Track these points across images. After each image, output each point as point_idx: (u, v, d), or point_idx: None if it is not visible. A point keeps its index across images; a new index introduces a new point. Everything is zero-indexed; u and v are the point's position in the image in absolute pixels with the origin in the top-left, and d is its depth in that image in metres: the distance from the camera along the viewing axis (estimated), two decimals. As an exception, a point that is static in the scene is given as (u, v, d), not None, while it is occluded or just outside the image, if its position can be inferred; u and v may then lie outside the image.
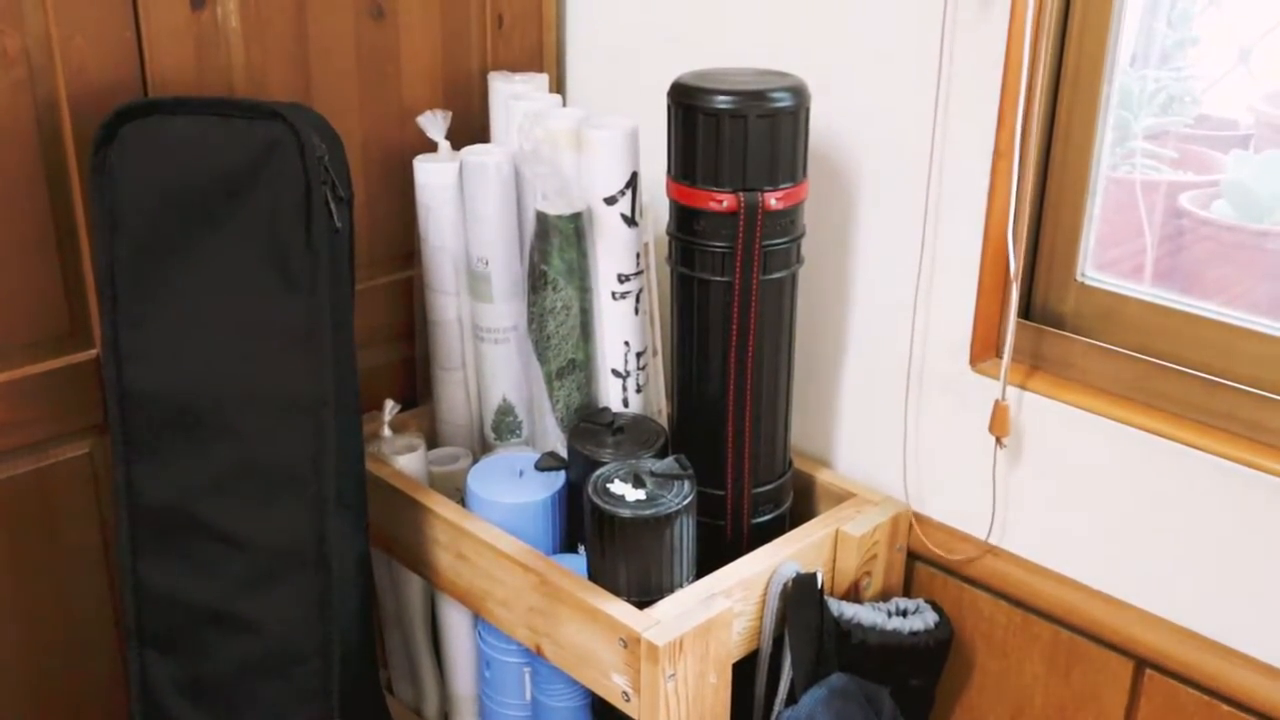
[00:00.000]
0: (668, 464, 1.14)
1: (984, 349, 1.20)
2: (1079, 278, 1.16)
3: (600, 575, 1.13)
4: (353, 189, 1.16)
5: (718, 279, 1.14)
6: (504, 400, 1.38)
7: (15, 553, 1.22)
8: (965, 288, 1.18)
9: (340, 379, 1.12)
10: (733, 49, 1.31)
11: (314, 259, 1.07)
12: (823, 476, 1.32)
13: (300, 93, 1.29)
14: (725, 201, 1.11)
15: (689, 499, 1.11)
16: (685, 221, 1.15)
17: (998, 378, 1.16)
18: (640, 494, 1.11)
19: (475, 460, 1.41)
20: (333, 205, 1.08)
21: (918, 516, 1.27)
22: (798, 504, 1.32)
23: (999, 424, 1.15)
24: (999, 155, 1.12)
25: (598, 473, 1.15)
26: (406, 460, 1.34)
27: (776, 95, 1.10)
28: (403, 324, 1.45)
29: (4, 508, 1.20)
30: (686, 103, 1.11)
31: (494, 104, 1.40)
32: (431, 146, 1.33)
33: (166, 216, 1.08)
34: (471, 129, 1.44)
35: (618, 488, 1.12)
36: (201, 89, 1.22)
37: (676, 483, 1.12)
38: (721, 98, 1.09)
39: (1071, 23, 1.11)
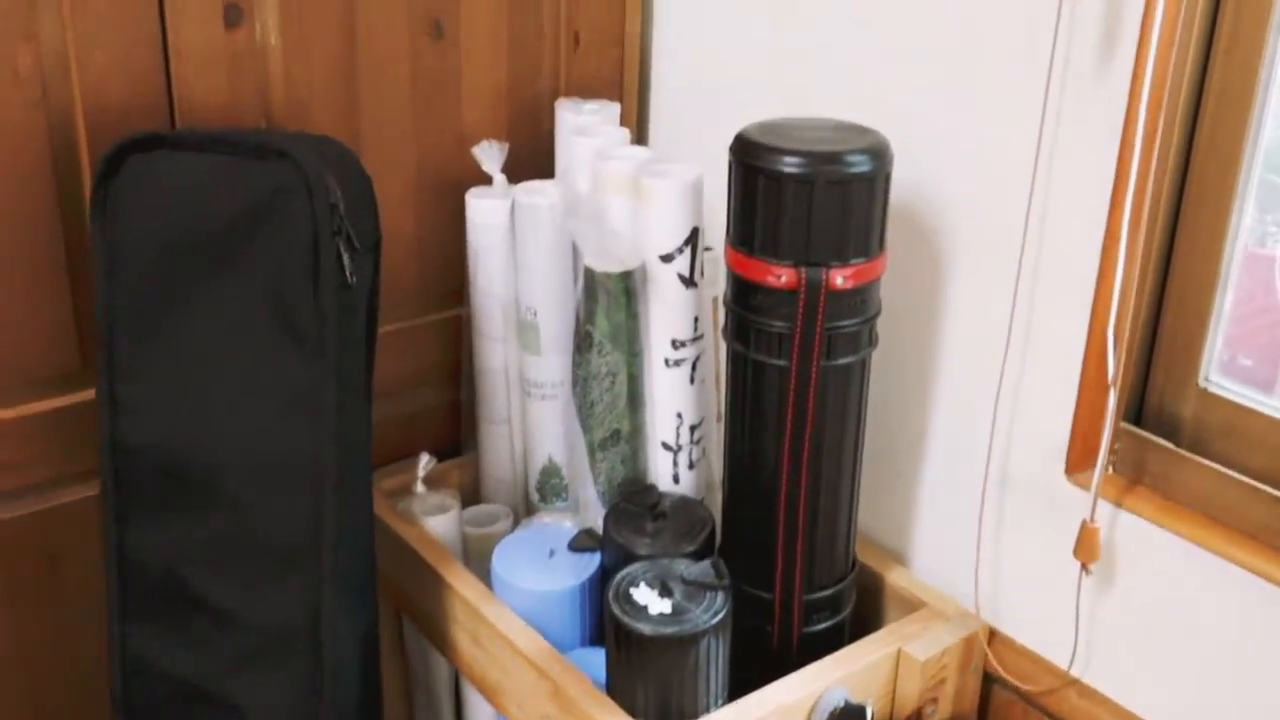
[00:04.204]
0: (702, 569, 1.01)
1: (1084, 456, 1.03)
2: (1201, 382, 0.99)
3: (618, 691, 1.00)
4: (380, 233, 1.05)
5: (774, 362, 1.00)
6: (549, 460, 1.26)
7: (14, 597, 1.15)
8: (1065, 385, 1.01)
9: (347, 448, 1.01)
10: (834, 91, 1.16)
11: (321, 316, 0.97)
12: (893, 577, 1.17)
13: (347, 119, 1.19)
14: (784, 277, 0.96)
15: (720, 616, 0.97)
16: (742, 294, 1.01)
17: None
18: (666, 605, 0.98)
19: (516, 522, 1.30)
20: (345, 257, 0.97)
21: (995, 634, 1.11)
22: (864, 605, 1.17)
23: (1085, 549, 0.98)
24: (1111, 237, 0.95)
25: (622, 574, 1.02)
26: (436, 522, 1.23)
27: (851, 159, 0.95)
28: (453, 365, 1.34)
29: (4, 550, 1.13)
30: (747, 161, 0.97)
31: (559, 135, 1.27)
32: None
33: (167, 261, 0.98)
34: (538, 160, 1.32)
35: (642, 595, 0.99)
36: (235, 115, 1.12)
37: (709, 594, 0.99)
38: (787, 159, 0.95)
39: (1210, 82, 0.93)
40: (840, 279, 0.96)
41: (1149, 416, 1.02)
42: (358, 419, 1.04)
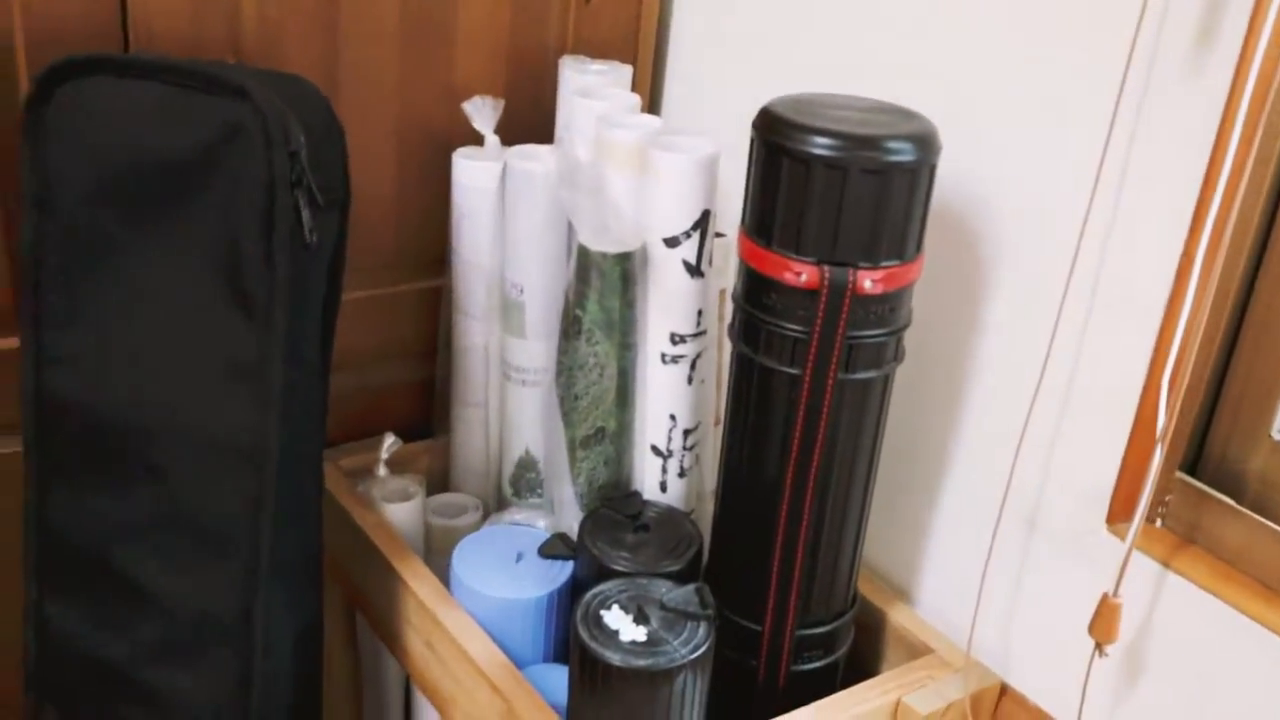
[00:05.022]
0: (685, 595, 0.89)
1: (1129, 505, 0.91)
2: (1275, 434, 0.87)
3: (578, 722, 0.89)
4: (349, 191, 0.93)
5: (785, 369, 0.88)
6: (526, 453, 1.15)
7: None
8: (1115, 425, 0.89)
9: (293, 428, 0.89)
10: (878, 71, 1.03)
11: (272, 279, 0.85)
12: (897, 617, 1.05)
13: (325, 63, 1.06)
14: (804, 274, 0.84)
15: (701, 651, 0.85)
16: (754, 290, 0.89)
17: (1139, 547, 0.87)
18: (640, 633, 0.86)
19: (486, 516, 1.18)
20: (305, 212, 0.84)
21: (1006, 690, 1.00)
22: (861, 644, 1.05)
23: (1103, 627, 0.85)
24: (1186, 261, 0.83)
25: (594, 592, 0.90)
26: (397, 509, 1.11)
27: (892, 145, 0.82)
28: (429, 340, 1.22)
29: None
30: (771, 139, 0.85)
31: (561, 96, 1.15)
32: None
33: (106, 200, 0.86)
34: (538, 122, 1.19)
35: (614, 619, 0.87)
36: (199, 48, 0.99)
37: (690, 625, 0.87)
38: (819, 139, 0.82)
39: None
40: (868, 282, 0.84)
41: (1208, 467, 0.90)
42: (308, 398, 0.92)
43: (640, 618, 0.87)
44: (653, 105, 1.30)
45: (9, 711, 1.02)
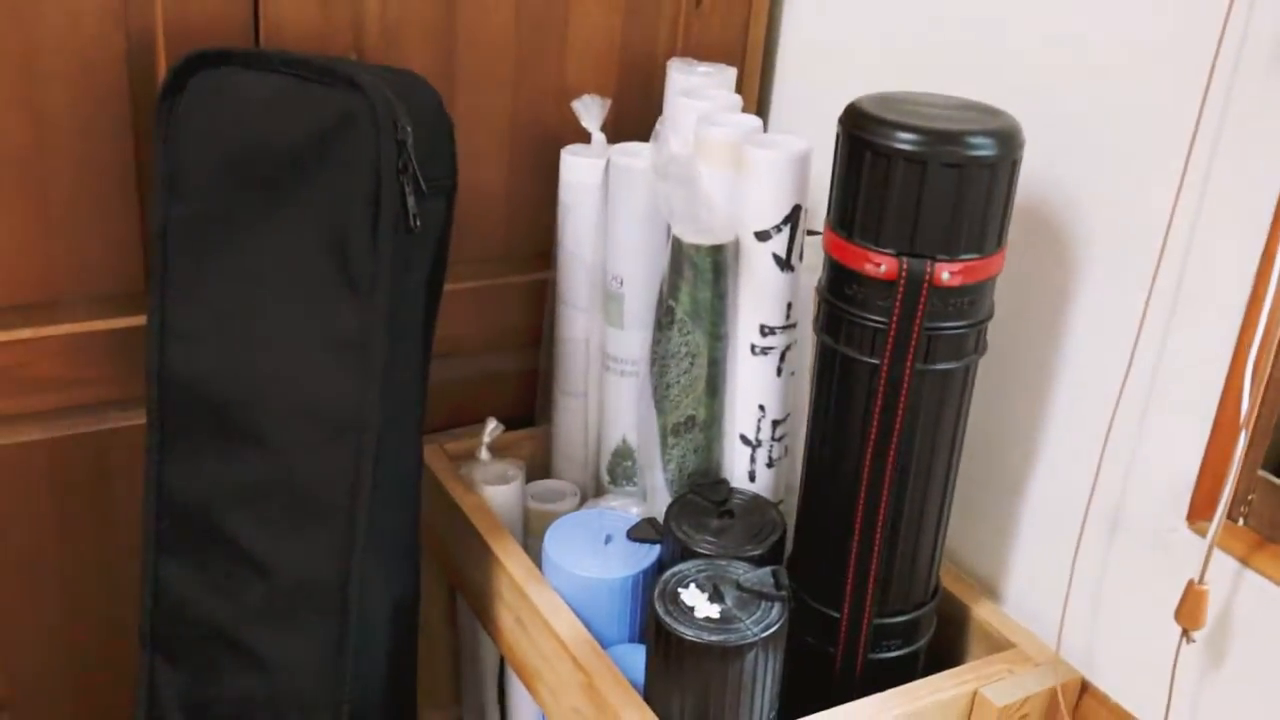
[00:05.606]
0: (761, 576, 0.91)
1: (1211, 504, 0.90)
2: (1358, 435, 0.86)
3: (654, 695, 0.92)
4: (455, 180, 0.98)
5: (864, 359, 0.90)
6: (623, 442, 1.18)
7: (64, 518, 1.12)
8: (1196, 422, 0.89)
9: (394, 403, 0.94)
10: (976, 72, 1.04)
11: (378, 260, 0.90)
12: (981, 611, 1.06)
13: (442, 60, 1.12)
14: (883, 265, 0.86)
15: (773, 629, 0.88)
16: (838, 281, 0.91)
17: (1222, 545, 0.87)
18: (714, 610, 0.89)
19: (583, 502, 1.22)
20: (410, 199, 0.90)
21: (1088, 688, 1.00)
22: (945, 638, 1.06)
23: (1189, 613, 0.86)
24: (1267, 259, 0.83)
25: (672, 571, 0.93)
26: (495, 492, 1.16)
27: (973, 140, 0.84)
28: (536, 330, 1.27)
29: (57, 470, 1.10)
30: (856, 134, 0.87)
31: (668, 97, 1.18)
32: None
33: (228, 184, 0.93)
34: (646, 122, 1.22)
35: (690, 596, 0.90)
36: (325, 44, 1.06)
37: (764, 605, 0.90)
38: (902, 134, 0.84)
39: None
40: (947, 274, 0.86)
41: (1292, 467, 0.89)
42: (409, 374, 0.97)
43: (716, 596, 0.90)
44: (761, 108, 1.33)
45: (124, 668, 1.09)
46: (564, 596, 1.03)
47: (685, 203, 0.97)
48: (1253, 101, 0.82)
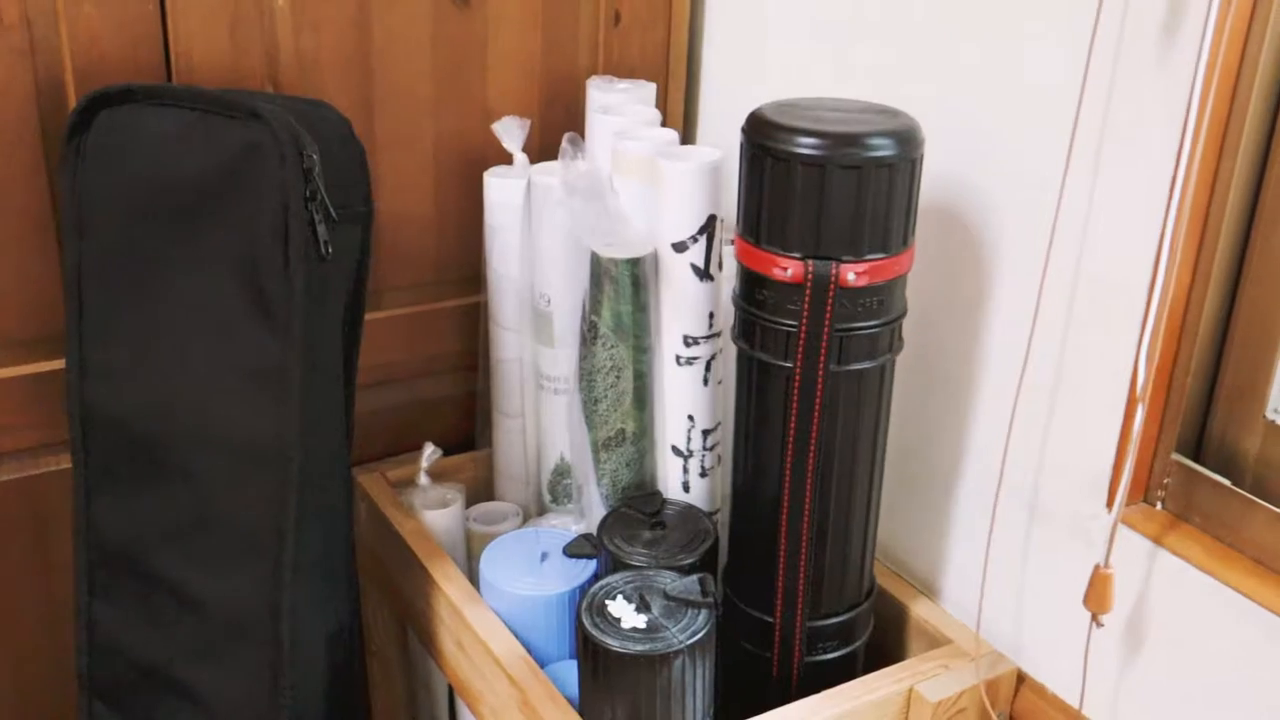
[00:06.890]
0: (687, 585, 0.92)
1: (1130, 490, 0.91)
2: (1269, 414, 0.86)
3: (588, 709, 0.92)
4: (371, 206, 0.99)
5: (778, 363, 0.91)
6: (562, 459, 1.19)
7: (1, 566, 1.12)
8: (1108, 409, 0.90)
9: (315, 432, 0.95)
10: (891, 78, 1.05)
11: (290, 289, 0.90)
12: (918, 609, 1.06)
13: (360, 88, 1.13)
14: (790, 269, 0.87)
15: (699, 636, 0.88)
16: (749, 287, 0.92)
17: (1139, 529, 0.87)
18: (641, 620, 0.89)
19: (525, 522, 1.22)
20: (321, 226, 0.90)
21: (1025, 678, 1.00)
22: (885, 637, 1.07)
23: (1097, 597, 0.86)
24: (1164, 236, 0.84)
25: (600, 584, 0.93)
26: (435, 516, 1.16)
27: (871, 142, 0.85)
28: (472, 354, 1.27)
29: (-10, 516, 1.10)
30: (757, 141, 0.88)
31: (588, 114, 1.19)
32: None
33: (138, 221, 0.93)
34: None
35: (617, 608, 0.90)
36: (238, 78, 1.06)
37: (690, 612, 0.90)
38: (800, 139, 0.85)
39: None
40: (852, 275, 0.86)
41: (1210, 451, 0.90)
42: (332, 401, 0.98)
43: (643, 606, 0.90)
44: (688, 121, 1.34)
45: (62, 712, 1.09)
46: (502, 616, 1.03)
47: (596, 216, 0.98)
48: (1141, 78, 0.83)
